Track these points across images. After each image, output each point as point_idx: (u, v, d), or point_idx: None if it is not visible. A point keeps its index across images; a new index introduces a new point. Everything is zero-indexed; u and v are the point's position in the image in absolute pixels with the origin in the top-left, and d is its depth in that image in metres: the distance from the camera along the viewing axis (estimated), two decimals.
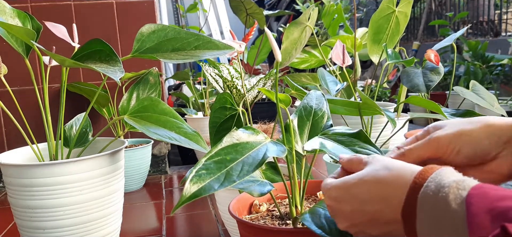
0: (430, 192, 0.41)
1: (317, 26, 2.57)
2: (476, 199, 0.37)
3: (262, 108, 2.45)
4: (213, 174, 0.51)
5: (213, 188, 0.50)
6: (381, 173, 0.47)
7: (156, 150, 1.71)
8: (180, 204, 0.49)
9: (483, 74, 2.45)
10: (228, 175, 0.51)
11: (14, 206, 0.87)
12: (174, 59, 0.80)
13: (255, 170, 0.52)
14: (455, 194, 0.39)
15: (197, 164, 0.52)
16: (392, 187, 0.46)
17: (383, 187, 0.46)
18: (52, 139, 0.90)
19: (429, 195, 0.41)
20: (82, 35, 1.22)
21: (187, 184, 0.50)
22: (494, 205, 0.35)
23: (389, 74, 2.01)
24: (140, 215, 1.26)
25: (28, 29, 0.82)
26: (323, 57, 1.47)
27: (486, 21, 4.37)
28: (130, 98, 1.07)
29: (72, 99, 1.55)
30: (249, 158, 0.54)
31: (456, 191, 0.39)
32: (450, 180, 0.40)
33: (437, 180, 0.41)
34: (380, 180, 0.47)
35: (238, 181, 0.51)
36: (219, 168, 0.52)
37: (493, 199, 0.36)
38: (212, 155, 0.54)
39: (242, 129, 0.59)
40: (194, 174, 0.51)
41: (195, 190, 0.49)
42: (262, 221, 0.69)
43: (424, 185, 0.42)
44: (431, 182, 0.42)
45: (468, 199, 0.37)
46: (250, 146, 0.56)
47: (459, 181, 0.40)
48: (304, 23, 1.32)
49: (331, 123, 0.72)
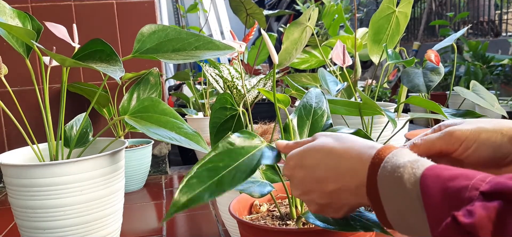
0: (386, 173, 0.42)
1: (317, 26, 2.57)
2: (430, 180, 0.38)
3: (262, 108, 2.45)
4: (204, 183, 0.49)
5: (202, 198, 0.48)
6: (330, 143, 0.50)
7: (157, 150, 1.71)
8: (169, 215, 0.47)
9: (484, 74, 2.45)
10: (220, 184, 0.50)
11: (15, 207, 0.87)
12: (174, 59, 0.80)
13: (247, 178, 0.51)
14: (409, 173, 0.40)
15: (189, 171, 0.51)
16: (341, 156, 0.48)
17: (333, 156, 0.49)
18: (52, 139, 0.90)
19: (386, 175, 0.42)
20: (82, 35, 1.22)
21: (177, 194, 0.48)
22: (447, 186, 0.36)
23: (389, 74, 2.01)
24: (141, 215, 1.26)
25: (28, 29, 0.82)
26: (324, 57, 1.47)
27: (486, 21, 4.37)
28: (130, 98, 1.07)
29: (73, 99, 1.55)
30: (242, 164, 0.53)
31: (411, 170, 0.40)
32: (405, 160, 0.41)
33: (393, 160, 0.43)
34: (331, 150, 0.49)
35: (229, 190, 0.49)
36: (210, 176, 0.50)
37: (445, 179, 0.37)
38: (205, 162, 0.52)
39: (237, 134, 0.57)
40: (184, 183, 0.49)
41: (184, 201, 0.48)
42: (262, 222, 0.69)
43: (381, 166, 0.43)
44: (387, 163, 0.43)
45: (422, 180, 0.38)
46: (245, 151, 0.55)
47: (413, 161, 0.41)
48: (304, 23, 1.32)
49: (331, 122, 0.72)
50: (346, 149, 0.48)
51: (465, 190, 0.35)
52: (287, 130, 0.69)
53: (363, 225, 0.54)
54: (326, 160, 0.49)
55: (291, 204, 0.69)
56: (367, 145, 0.48)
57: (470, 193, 0.34)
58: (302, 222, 0.66)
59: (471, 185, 0.35)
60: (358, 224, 0.54)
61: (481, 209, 0.32)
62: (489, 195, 0.33)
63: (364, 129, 1.15)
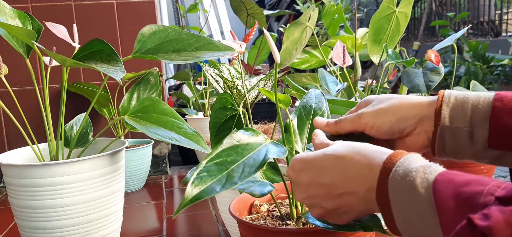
0: (398, 177, 0.42)
1: (317, 27, 2.57)
2: (443, 185, 0.38)
3: (262, 108, 2.45)
4: (215, 176, 0.51)
5: (214, 190, 0.49)
6: (341, 149, 0.50)
7: (157, 151, 1.71)
8: (182, 207, 0.49)
9: (484, 74, 2.45)
10: (230, 177, 0.51)
11: (15, 206, 0.87)
12: (175, 60, 0.80)
13: (256, 172, 0.52)
14: (422, 178, 0.40)
15: (198, 166, 0.52)
16: (349, 161, 0.48)
17: (340, 161, 0.49)
18: (52, 139, 0.90)
19: (397, 179, 0.42)
20: (83, 35, 1.22)
21: (189, 186, 0.49)
22: (459, 191, 0.37)
23: (389, 74, 2.01)
24: (141, 215, 1.26)
25: (29, 29, 0.82)
26: (324, 57, 1.47)
27: (486, 22, 4.37)
28: (130, 98, 1.07)
29: (73, 100, 1.55)
30: (249, 159, 0.54)
31: (423, 175, 0.40)
32: (418, 165, 0.42)
33: (405, 164, 0.43)
34: (339, 156, 0.49)
35: (239, 183, 0.51)
36: (220, 170, 0.52)
37: (458, 184, 0.37)
38: (213, 157, 0.53)
39: (242, 131, 0.58)
40: (196, 176, 0.50)
41: (196, 193, 0.49)
42: (262, 222, 0.69)
43: (392, 170, 0.43)
44: (399, 167, 0.43)
45: (435, 185, 0.39)
46: (251, 147, 0.56)
47: (426, 166, 0.41)
48: (304, 23, 1.32)
49: None
50: (355, 154, 0.48)
51: (480, 195, 0.35)
52: (287, 130, 0.70)
53: (362, 225, 0.54)
54: (334, 164, 0.49)
55: (291, 204, 0.69)
56: (377, 150, 0.48)
57: (485, 198, 0.34)
58: (302, 222, 0.66)
59: (486, 191, 0.35)
60: (357, 224, 0.54)
61: (498, 212, 0.32)
62: (505, 200, 0.33)
63: None
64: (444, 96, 0.55)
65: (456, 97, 0.54)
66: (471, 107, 0.52)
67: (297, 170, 0.53)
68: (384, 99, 0.59)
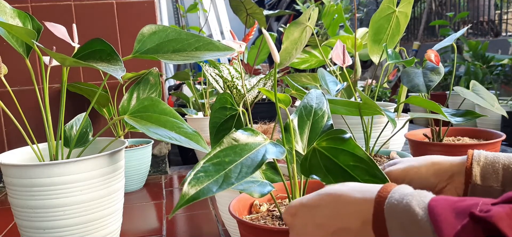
0: (394, 201, 0.43)
1: (317, 26, 2.57)
2: (438, 202, 0.40)
3: (262, 108, 2.45)
4: (212, 176, 0.51)
5: (211, 190, 0.49)
6: (335, 187, 0.50)
7: (156, 150, 1.71)
8: (178, 207, 0.48)
9: (484, 74, 2.45)
10: (227, 178, 0.51)
11: (15, 206, 0.87)
12: (174, 60, 0.80)
13: (254, 172, 0.52)
14: (418, 200, 0.42)
15: (195, 166, 0.52)
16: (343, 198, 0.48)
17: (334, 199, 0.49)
18: (52, 139, 0.90)
19: (394, 203, 0.43)
20: (82, 35, 1.22)
21: (185, 186, 0.49)
22: (456, 205, 0.38)
23: (389, 74, 2.01)
24: (140, 215, 1.26)
25: (29, 29, 0.82)
26: (324, 57, 1.47)
27: (486, 21, 4.37)
28: (130, 98, 1.07)
29: (73, 99, 1.55)
30: (247, 159, 0.54)
31: (419, 198, 0.42)
32: (412, 190, 0.44)
33: (400, 191, 0.44)
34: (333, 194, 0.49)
35: (236, 183, 0.51)
36: (217, 170, 0.52)
37: (453, 201, 0.39)
38: (211, 157, 0.53)
39: (241, 131, 0.58)
40: (192, 177, 0.50)
41: (193, 193, 0.49)
42: (262, 221, 0.69)
43: (388, 197, 0.44)
44: (394, 193, 0.44)
45: (431, 203, 0.40)
46: (249, 147, 0.56)
47: (419, 191, 0.43)
48: (304, 23, 1.32)
49: (331, 123, 0.72)
50: (349, 190, 0.48)
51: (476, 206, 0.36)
52: (287, 130, 0.69)
53: None
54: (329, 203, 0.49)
55: None
56: (369, 185, 0.48)
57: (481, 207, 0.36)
58: None
59: (481, 202, 0.37)
60: None
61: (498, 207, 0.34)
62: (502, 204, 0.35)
63: (364, 129, 1.15)
64: (474, 155, 0.58)
65: (486, 157, 0.57)
66: (502, 167, 0.56)
67: (292, 214, 0.53)
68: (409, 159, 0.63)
